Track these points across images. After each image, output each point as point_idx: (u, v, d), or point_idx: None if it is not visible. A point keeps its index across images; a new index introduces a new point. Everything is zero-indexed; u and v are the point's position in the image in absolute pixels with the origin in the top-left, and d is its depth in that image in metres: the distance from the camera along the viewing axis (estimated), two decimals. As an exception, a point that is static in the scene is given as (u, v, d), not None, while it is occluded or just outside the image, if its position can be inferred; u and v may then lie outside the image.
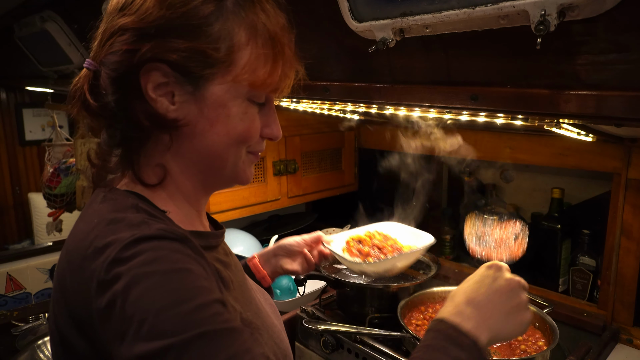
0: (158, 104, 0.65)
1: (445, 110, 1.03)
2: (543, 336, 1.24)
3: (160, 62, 0.63)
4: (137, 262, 0.56)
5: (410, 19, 0.78)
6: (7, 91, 4.29)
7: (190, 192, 0.74)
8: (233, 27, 0.65)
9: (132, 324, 0.53)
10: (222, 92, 0.67)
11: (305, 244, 1.17)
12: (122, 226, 0.60)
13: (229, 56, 0.65)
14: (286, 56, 0.70)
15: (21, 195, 4.42)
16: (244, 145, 0.72)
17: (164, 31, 0.63)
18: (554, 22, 0.64)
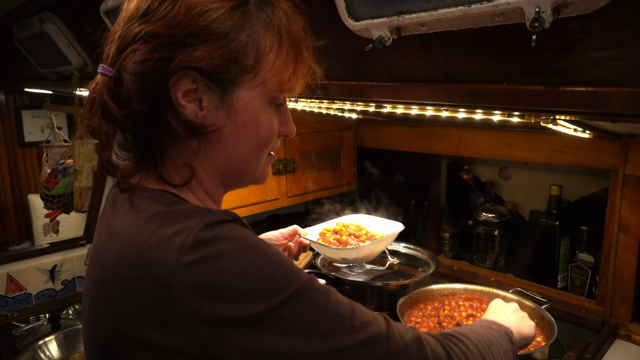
0: (187, 110, 0.65)
1: (442, 108, 1.03)
2: (542, 332, 1.25)
3: (191, 69, 0.63)
4: (223, 243, 0.58)
5: (406, 17, 0.78)
6: (6, 93, 4.29)
7: (213, 191, 0.76)
8: (259, 32, 0.66)
9: (236, 291, 0.56)
10: (250, 97, 0.68)
11: (283, 237, 1.21)
12: (182, 216, 0.61)
13: (257, 61, 0.67)
14: (304, 57, 0.73)
15: (21, 197, 4.42)
16: (267, 148, 0.75)
17: (195, 39, 0.63)
18: (549, 19, 0.65)
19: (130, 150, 0.71)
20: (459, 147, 1.86)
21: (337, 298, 0.62)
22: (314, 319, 0.58)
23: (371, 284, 1.40)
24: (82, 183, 1.94)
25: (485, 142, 1.76)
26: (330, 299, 0.61)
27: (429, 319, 1.34)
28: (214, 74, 0.65)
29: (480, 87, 0.86)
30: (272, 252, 0.61)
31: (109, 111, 0.66)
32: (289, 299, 0.57)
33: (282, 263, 0.60)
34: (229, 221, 0.61)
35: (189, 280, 0.55)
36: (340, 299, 0.63)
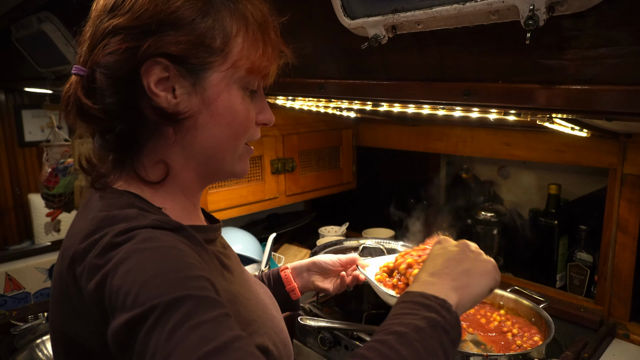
0: (160, 98, 0.66)
1: (439, 107, 1.03)
2: (539, 331, 1.25)
3: (160, 56, 0.65)
4: (129, 243, 0.57)
5: (401, 15, 0.79)
6: (6, 93, 4.30)
7: (188, 186, 0.76)
8: (225, 17, 0.68)
9: (119, 296, 0.53)
10: (220, 80, 0.69)
11: (340, 265, 1.17)
12: (118, 219, 0.62)
13: (225, 44, 0.68)
14: (272, 40, 0.73)
15: (21, 197, 4.42)
16: (243, 136, 0.75)
17: (162, 26, 0.64)
18: (543, 17, 0.65)
19: (108, 149, 0.72)
20: (458, 146, 1.86)
21: (207, 328, 0.51)
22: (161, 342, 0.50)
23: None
24: (83, 182, 1.95)
25: (484, 141, 1.75)
26: (193, 327, 0.51)
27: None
28: (183, 59, 0.66)
29: (475, 86, 0.86)
30: (174, 260, 0.56)
31: (83, 107, 0.68)
32: (152, 308, 0.51)
33: (173, 272, 0.55)
34: (161, 228, 0.61)
35: (93, 284, 0.57)
36: (213, 328, 0.52)
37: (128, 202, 0.67)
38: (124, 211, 0.64)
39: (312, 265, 1.17)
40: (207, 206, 1.73)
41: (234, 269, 0.80)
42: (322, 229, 2.17)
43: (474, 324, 1.32)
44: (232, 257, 0.83)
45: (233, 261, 0.82)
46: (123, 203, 0.67)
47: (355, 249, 1.62)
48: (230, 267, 0.78)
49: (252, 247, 1.86)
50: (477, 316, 1.36)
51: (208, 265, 0.69)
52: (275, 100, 1.47)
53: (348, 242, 1.70)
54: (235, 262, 0.83)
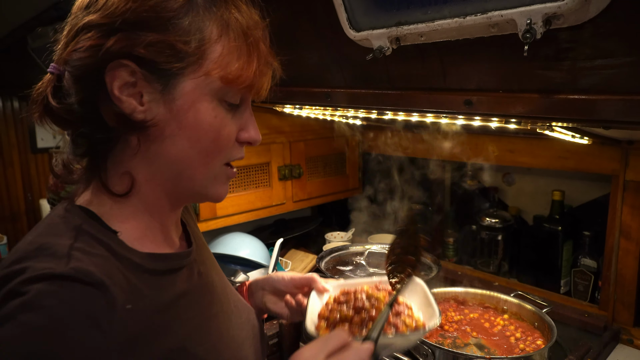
0: (125, 104, 0.61)
1: (441, 115, 1.06)
2: (542, 335, 1.26)
3: (126, 58, 0.59)
4: (18, 300, 0.52)
5: (405, 28, 0.81)
6: (19, 100, 4.38)
7: (155, 203, 0.69)
8: (204, 20, 0.62)
9: None
10: (191, 89, 0.63)
11: (293, 285, 0.95)
12: (43, 256, 0.57)
13: (199, 50, 0.62)
14: (261, 51, 0.67)
15: (33, 202, 4.49)
16: (218, 155, 0.67)
17: (131, 25, 0.59)
18: (540, 30, 0.68)
19: (75, 155, 0.68)
20: (463, 153, 1.88)
21: None
22: None
23: (374, 287, 1.42)
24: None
25: (487, 148, 1.78)
26: None
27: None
28: (152, 63, 0.60)
29: (476, 96, 0.88)
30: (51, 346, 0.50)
31: (48, 106, 0.64)
32: None
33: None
34: (78, 281, 0.54)
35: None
36: None
37: (76, 224, 0.62)
38: (58, 244, 0.58)
39: (265, 282, 0.98)
40: (215, 212, 1.76)
41: (188, 312, 0.69)
42: (329, 234, 2.19)
43: (477, 328, 1.34)
44: (194, 292, 0.72)
45: (193, 297, 0.71)
46: (70, 226, 0.62)
47: (361, 254, 1.65)
48: (176, 316, 0.67)
49: (260, 252, 1.89)
50: (480, 320, 1.37)
51: (132, 319, 0.59)
52: (283, 109, 1.50)
53: (354, 247, 1.72)
54: (199, 297, 0.73)
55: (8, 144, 4.34)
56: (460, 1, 0.75)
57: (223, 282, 0.85)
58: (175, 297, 0.67)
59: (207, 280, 0.77)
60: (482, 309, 1.44)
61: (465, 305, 1.46)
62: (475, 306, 1.45)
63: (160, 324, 0.63)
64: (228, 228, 1.91)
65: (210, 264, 0.83)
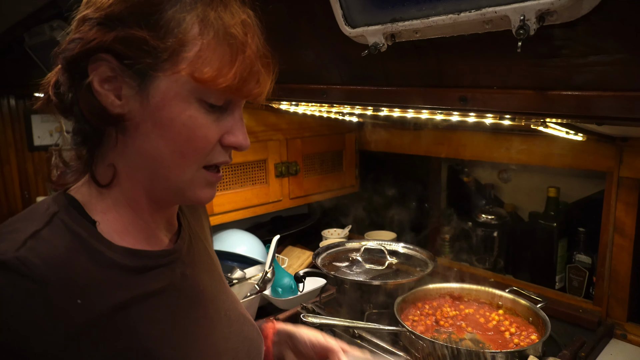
0: (103, 97, 0.62)
1: (437, 112, 1.07)
2: (536, 330, 1.27)
3: (105, 52, 0.60)
4: None
5: (400, 25, 0.82)
6: (16, 98, 4.37)
7: (135, 199, 0.69)
8: (184, 17, 0.61)
9: None
10: (166, 87, 0.62)
11: (314, 351, 0.92)
12: (3, 239, 0.59)
13: (175, 47, 0.61)
14: (246, 55, 0.63)
15: (30, 200, 4.48)
16: (193, 156, 0.66)
17: (114, 19, 0.60)
18: (534, 26, 0.68)
19: (74, 144, 0.70)
20: (459, 150, 1.89)
21: None
22: None
23: (369, 282, 1.43)
24: (90, 185, 1.98)
25: (484, 145, 1.79)
26: None
27: (426, 318, 1.37)
28: (129, 58, 0.61)
29: (471, 92, 0.89)
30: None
31: (47, 94, 0.67)
32: None
33: None
34: (2, 265, 0.55)
35: None
36: None
37: (53, 211, 0.63)
38: (26, 227, 0.60)
39: (289, 337, 0.96)
40: (212, 209, 1.77)
41: (180, 302, 0.71)
42: (325, 231, 2.20)
43: (472, 323, 1.35)
44: (185, 289, 0.73)
45: (165, 298, 0.70)
46: (43, 211, 0.64)
47: (357, 250, 1.66)
48: (164, 302, 0.68)
49: (256, 249, 1.90)
50: (476, 316, 1.39)
51: (81, 314, 0.59)
52: (279, 105, 1.51)
53: (350, 243, 1.73)
54: (176, 298, 0.72)
55: (5, 142, 4.33)
56: (454, -3, 0.75)
57: (216, 289, 0.82)
58: (144, 295, 0.66)
59: (191, 284, 0.75)
60: (477, 305, 1.45)
61: (461, 301, 1.47)
62: (471, 302, 1.47)
63: (119, 321, 0.62)
64: (225, 225, 1.92)
65: (203, 268, 0.81)
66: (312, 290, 1.70)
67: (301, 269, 1.88)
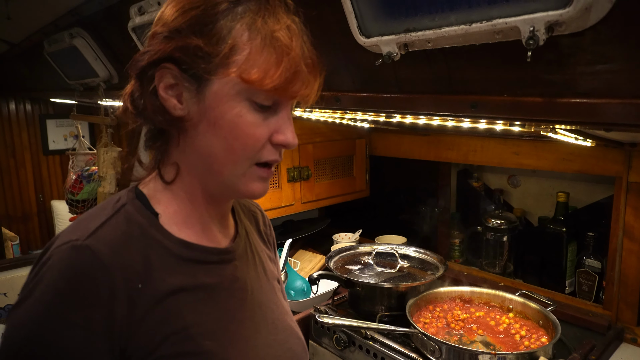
0: (167, 101, 0.68)
1: (448, 118, 1.10)
2: (547, 333, 1.29)
3: (168, 61, 0.67)
4: (44, 263, 0.64)
5: (413, 35, 0.85)
6: (32, 103, 4.46)
7: (194, 193, 0.75)
8: (234, 25, 0.66)
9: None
10: (218, 89, 0.67)
11: None
12: (77, 225, 0.68)
13: (226, 52, 0.66)
14: (291, 57, 0.67)
15: (44, 203, 4.56)
16: (243, 153, 0.69)
17: (173, 32, 0.67)
18: (543, 37, 0.71)
19: (146, 146, 0.77)
20: (468, 155, 1.91)
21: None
22: None
23: (381, 285, 1.46)
24: (106, 189, 2.03)
25: (493, 150, 1.81)
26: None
27: (437, 320, 1.39)
28: (186, 64, 0.66)
29: (482, 99, 0.92)
30: (47, 301, 0.61)
31: (125, 104, 0.74)
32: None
33: (28, 318, 0.60)
34: (77, 248, 0.63)
35: None
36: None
37: (121, 204, 0.71)
38: (97, 218, 0.68)
39: None
40: (226, 212, 1.80)
41: (227, 301, 0.75)
42: (336, 235, 2.23)
43: (483, 326, 1.36)
44: (235, 290, 0.77)
45: (216, 292, 0.75)
46: (116, 205, 0.71)
47: (369, 254, 1.68)
48: (212, 297, 0.73)
49: (269, 252, 1.93)
50: (486, 319, 1.40)
51: (142, 297, 0.66)
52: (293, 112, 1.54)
53: (362, 247, 1.76)
54: (236, 296, 0.77)
55: (21, 146, 4.42)
56: (465, 9, 0.78)
57: (266, 297, 0.85)
58: (193, 286, 0.71)
59: (241, 287, 0.79)
60: (487, 308, 1.47)
61: (471, 304, 1.49)
62: (481, 305, 1.48)
63: (169, 306, 0.68)
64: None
65: (254, 275, 0.84)
66: (325, 293, 1.72)
67: (313, 271, 1.91)
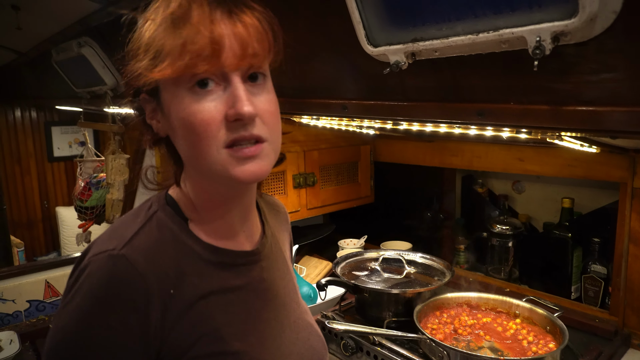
0: (154, 126, 0.73)
1: (454, 125, 1.11)
2: (554, 339, 1.29)
3: (137, 94, 0.71)
4: (82, 270, 0.66)
5: (420, 44, 0.87)
6: (37, 110, 4.49)
7: (211, 196, 0.75)
8: (140, 32, 0.67)
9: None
10: (164, 95, 0.69)
11: None
12: (112, 234, 0.70)
13: (141, 58, 0.65)
14: (192, 25, 0.62)
15: (49, 209, 4.59)
16: (206, 141, 0.65)
17: (126, 64, 0.69)
18: (549, 46, 0.72)
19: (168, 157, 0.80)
20: (473, 161, 1.93)
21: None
22: None
23: (388, 291, 1.47)
24: (114, 195, 2.05)
25: (497, 156, 1.82)
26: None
27: (444, 326, 1.40)
28: (141, 88, 0.68)
29: (488, 107, 0.93)
30: (87, 309, 0.63)
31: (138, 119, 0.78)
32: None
33: (75, 323, 0.63)
34: (114, 257, 0.64)
35: None
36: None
37: (153, 212, 0.73)
38: (131, 226, 0.70)
39: None
40: (232, 218, 1.81)
41: (254, 302, 0.77)
42: (342, 241, 2.24)
43: (490, 331, 1.37)
44: (261, 291, 0.79)
45: (260, 295, 0.78)
46: (148, 212, 0.73)
47: (376, 260, 1.69)
48: (240, 299, 0.75)
49: (275, 258, 1.94)
50: (493, 324, 1.41)
51: (175, 302, 0.67)
52: (300, 119, 1.56)
53: (368, 253, 1.77)
54: (262, 297, 0.79)
55: (26, 153, 4.46)
56: (472, 19, 0.80)
57: (289, 297, 0.86)
58: (222, 289, 0.73)
59: (267, 287, 0.80)
60: (494, 314, 1.47)
61: (478, 310, 1.49)
62: (488, 311, 1.49)
63: (201, 309, 0.69)
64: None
65: (279, 275, 0.85)
66: (331, 299, 1.73)
67: (319, 277, 1.92)
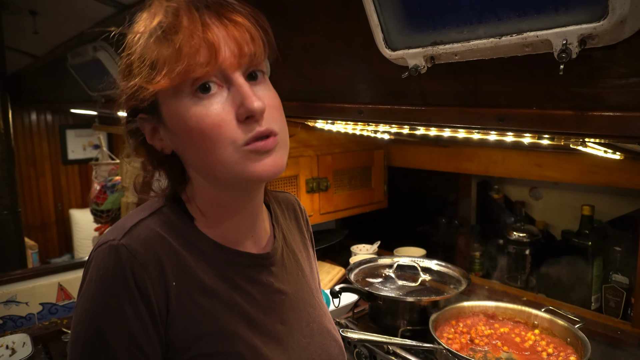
0: (157, 146, 0.72)
1: (474, 130, 1.08)
2: (575, 351, 1.25)
3: (138, 113, 0.70)
4: (89, 261, 0.68)
5: (440, 48, 0.84)
6: (52, 113, 4.55)
7: (217, 201, 0.74)
8: (132, 49, 0.66)
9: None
10: (165, 108, 0.67)
11: None
12: (115, 226, 0.71)
13: (135, 74, 0.64)
14: (181, 32, 0.61)
15: (63, 212, 4.63)
16: (218, 144, 0.64)
17: (120, 85, 0.69)
18: (576, 50, 0.70)
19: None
20: (489, 167, 1.89)
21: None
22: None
23: (403, 299, 1.44)
24: (129, 199, 2.06)
25: (514, 162, 1.78)
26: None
27: (461, 336, 1.37)
28: (140, 106, 0.67)
29: (509, 112, 0.90)
30: (101, 294, 0.64)
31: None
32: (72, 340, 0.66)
33: (92, 307, 0.64)
34: (113, 247, 0.65)
35: None
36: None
37: (159, 205, 0.74)
38: (134, 218, 0.70)
39: None
40: (245, 223, 1.80)
41: (260, 302, 0.76)
42: (354, 247, 2.21)
43: (508, 342, 1.33)
44: (270, 293, 0.78)
45: (252, 296, 0.75)
46: (154, 206, 0.74)
47: (390, 266, 1.67)
48: (245, 298, 0.74)
49: (287, 263, 1.92)
50: (511, 335, 1.37)
51: (176, 294, 0.68)
52: (315, 124, 1.55)
53: (382, 259, 1.74)
54: (262, 300, 0.77)
55: (41, 156, 4.51)
56: (494, 22, 0.77)
57: (303, 300, 0.85)
58: (226, 288, 0.73)
59: (275, 291, 0.80)
60: (512, 324, 1.43)
61: (495, 320, 1.46)
62: (506, 320, 1.45)
63: (205, 306, 0.69)
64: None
65: (290, 280, 0.84)
66: (345, 305, 1.70)
67: (332, 283, 1.89)
